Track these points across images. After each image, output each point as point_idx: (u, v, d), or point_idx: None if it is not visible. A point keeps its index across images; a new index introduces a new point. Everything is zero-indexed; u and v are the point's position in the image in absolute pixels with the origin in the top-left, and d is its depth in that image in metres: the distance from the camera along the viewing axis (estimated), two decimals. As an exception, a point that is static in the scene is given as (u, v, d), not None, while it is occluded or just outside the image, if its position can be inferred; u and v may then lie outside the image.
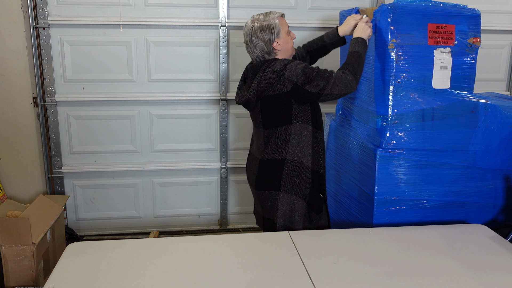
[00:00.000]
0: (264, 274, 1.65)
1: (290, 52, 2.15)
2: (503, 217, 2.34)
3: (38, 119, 3.08)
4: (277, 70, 2.00)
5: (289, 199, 2.11)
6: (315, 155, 2.13)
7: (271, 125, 2.10)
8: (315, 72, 1.99)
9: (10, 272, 2.40)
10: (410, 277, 1.65)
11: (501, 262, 1.76)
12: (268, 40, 2.06)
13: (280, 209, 2.12)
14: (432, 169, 2.19)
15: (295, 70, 1.98)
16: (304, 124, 2.07)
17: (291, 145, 2.08)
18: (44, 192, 3.21)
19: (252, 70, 2.10)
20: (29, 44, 2.94)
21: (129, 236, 3.34)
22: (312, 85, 1.97)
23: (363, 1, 3.20)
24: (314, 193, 2.16)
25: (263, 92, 2.04)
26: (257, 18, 2.10)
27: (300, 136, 2.08)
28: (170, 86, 3.16)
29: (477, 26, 2.16)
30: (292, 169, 2.09)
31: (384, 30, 2.08)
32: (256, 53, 2.10)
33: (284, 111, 2.05)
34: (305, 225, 2.15)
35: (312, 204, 2.16)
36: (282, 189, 2.11)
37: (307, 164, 2.10)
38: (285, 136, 2.08)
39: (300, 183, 2.11)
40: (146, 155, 3.26)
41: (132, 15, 3.00)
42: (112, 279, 1.61)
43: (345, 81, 1.98)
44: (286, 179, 2.10)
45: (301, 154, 2.09)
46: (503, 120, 2.21)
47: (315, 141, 2.13)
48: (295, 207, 2.13)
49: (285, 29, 2.10)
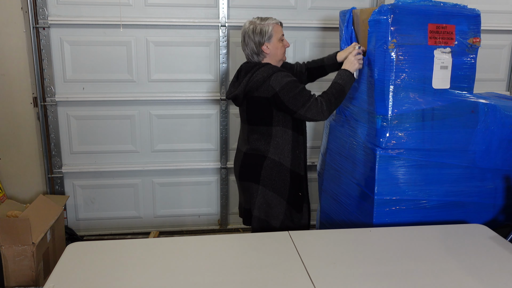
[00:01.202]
0: (264, 274, 1.65)
1: (279, 58, 2.26)
2: (503, 217, 2.34)
3: (38, 119, 3.08)
4: (265, 75, 2.12)
5: (267, 193, 2.23)
6: (295, 157, 2.25)
7: (254, 123, 2.23)
8: (298, 90, 2.10)
9: (10, 272, 2.40)
10: (410, 277, 1.65)
11: (501, 262, 1.76)
12: (258, 42, 2.18)
13: (258, 201, 2.24)
14: (432, 169, 2.19)
15: (280, 81, 2.10)
16: (285, 128, 2.20)
17: (272, 145, 2.20)
18: (44, 192, 3.21)
19: (245, 69, 2.24)
20: (29, 44, 2.94)
21: (129, 236, 3.35)
22: (290, 101, 2.09)
23: (363, 1, 3.20)
24: (294, 193, 2.27)
25: (249, 92, 2.17)
26: (254, 21, 2.22)
27: (280, 139, 2.20)
28: (170, 86, 3.16)
29: (477, 26, 2.16)
30: (272, 166, 2.21)
31: (384, 30, 2.08)
32: (247, 52, 2.24)
33: (266, 114, 2.18)
34: (285, 223, 2.26)
35: (292, 203, 2.27)
36: (261, 183, 2.23)
37: (286, 165, 2.22)
38: (267, 136, 2.20)
39: (279, 181, 2.22)
40: (146, 155, 3.26)
41: (132, 15, 3.00)
42: (112, 279, 1.61)
43: (319, 110, 2.10)
44: (265, 175, 2.21)
45: (281, 155, 2.21)
46: (503, 120, 2.21)
47: (295, 145, 2.24)
48: (273, 203, 2.24)
49: (278, 36, 2.21)
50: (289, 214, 2.27)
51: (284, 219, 2.26)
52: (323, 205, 2.72)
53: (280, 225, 2.25)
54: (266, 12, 3.07)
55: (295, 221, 2.29)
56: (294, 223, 2.29)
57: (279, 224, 2.25)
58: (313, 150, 3.42)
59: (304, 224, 2.35)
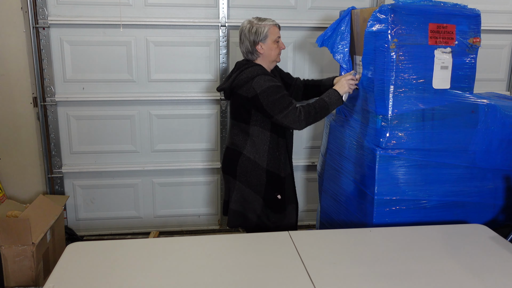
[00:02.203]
0: (264, 274, 1.65)
1: (272, 59, 2.32)
2: (503, 217, 2.34)
3: (38, 119, 3.08)
4: (249, 76, 2.20)
5: (243, 189, 2.31)
6: (273, 158, 2.30)
7: (235, 118, 2.33)
8: (278, 96, 2.16)
9: (10, 272, 2.40)
10: (410, 277, 1.65)
11: (501, 262, 1.76)
12: (253, 41, 2.25)
13: (235, 195, 2.34)
14: (432, 169, 2.18)
15: (263, 84, 2.16)
16: (262, 129, 2.26)
17: (248, 143, 2.28)
18: (44, 192, 3.21)
19: (237, 66, 2.34)
20: (29, 44, 2.94)
21: (129, 236, 3.34)
22: (269, 105, 2.15)
23: (363, 1, 3.20)
24: (270, 193, 2.32)
25: (234, 88, 2.26)
26: (252, 21, 2.28)
27: (257, 138, 2.26)
28: (170, 86, 3.16)
29: (477, 26, 2.16)
30: (246, 164, 2.28)
31: (384, 30, 2.08)
32: (242, 49, 2.33)
33: (245, 112, 2.25)
34: (261, 219, 2.32)
35: (269, 202, 2.32)
36: (238, 179, 2.31)
37: (262, 164, 2.28)
38: (245, 133, 2.29)
39: (254, 180, 2.29)
40: (146, 155, 3.26)
41: (132, 15, 3.00)
42: (112, 279, 1.61)
43: (296, 118, 2.16)
44: (240, 171, 2.30)
45: (256, 154, 2.27)
46: (503, 120, 2.21)
47: (274, 146, 2.29)
48: (249, 199, 2.31)
49: (273, 38, 2.27)
50: (265, 212, 2.32)
51: (261, 214, 2.32)
52: (323, 205, 2.72)
53: (257, 220, 2.32)
54: (266, 12, 3.07)
55: (271, 220, 2.34)
56: (270, 221, 2.34)
57: (256, 219, 2.32)
58: (313, 150, 3.42)
59: (288, 224, 2.38)
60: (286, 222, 2.38)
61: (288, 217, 2.39)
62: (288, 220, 2.39)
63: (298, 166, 3.41)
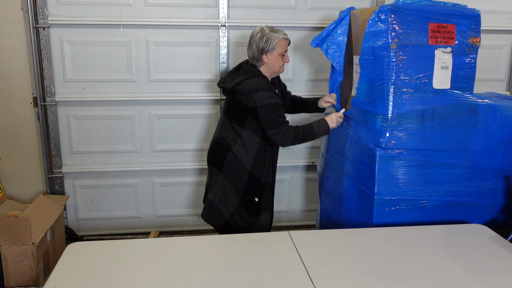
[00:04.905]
0: (264, 274, 1.65)
1: (275, 70, 2.38)
2: (503, 217, 2.34)
3: (38, 119, 3.08)
4: (253, 87, 2.25)
5: (225, 184, 2.38)
6: (258, 163, 2.37)
7: (230, 117, 2.36)
8: (276, 114, 2.27)
9: (10, 272, 2.40)
10: (410, 277, 1.65)
11: (501, 262, 1.76)
12: (261, 49, 2.30)
13: (216, 187, 2.40)
14: (432, 169, 2.19)
15: (265, 99, 2.24)
16: (254, 134, 2.33)
17: (238, 143, 2.34)
18: (44, 192, 3.21)
19: (243, 69, 2.35)
20: (29, 44, 2.94)
21: (129, 236, 3.34)
22: (265, 120, 2.26)
23: (363, 1, 3.20)
24: (249, 194, 2.38)
25: (236, 92, 2.31)
26: (264, 29, 2.32)
27: (247, 141, 2.33)
28: (170, 86, 3.16)
29: (477, 26, 2.16)
30: (233, 161, 2.35)
31: (384, 30, 2.08)
32: (248, 54, 2.37)
33: (241, 116, 2.32)
34: (233, 216, 2.38)
35: (244, 202, 2.38)
36: (223, 172, 2.38)
37: (246, 166, 2.35)
38: (236, 133, 2.34)
39: (237, 177, 2.36)
40: (146, 155, 3.26)
41: (132, 15, 3.00)
42: (112, 279, 1.61)
43: (284, 138, 2.30)
44: (226, 166, 2.36)
45: (244, 154, 2.34)
46: (503, 120, 2.21)
47: (261, 152, 2.36)
48: (228, 194, 2.38)
49: (280, 51, 2.32)
50: (239, 210, 2.38)
51: (234, 212, 2.38)
52: (323, 205, 2.72)
53: (229, 216, 2.38)
54: (266, 12, 3.08)
55: (243, 220, 2.40)
56: (242, 221, 2.40)
57: (228, 215, 2.38)
58: (313, 150, 3.42)
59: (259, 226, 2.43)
60: (257, 226, 2.43)
61: (260, 222, 2.44)
62: (259, 226, 2.44)
63: (298, 166, 3.41)
